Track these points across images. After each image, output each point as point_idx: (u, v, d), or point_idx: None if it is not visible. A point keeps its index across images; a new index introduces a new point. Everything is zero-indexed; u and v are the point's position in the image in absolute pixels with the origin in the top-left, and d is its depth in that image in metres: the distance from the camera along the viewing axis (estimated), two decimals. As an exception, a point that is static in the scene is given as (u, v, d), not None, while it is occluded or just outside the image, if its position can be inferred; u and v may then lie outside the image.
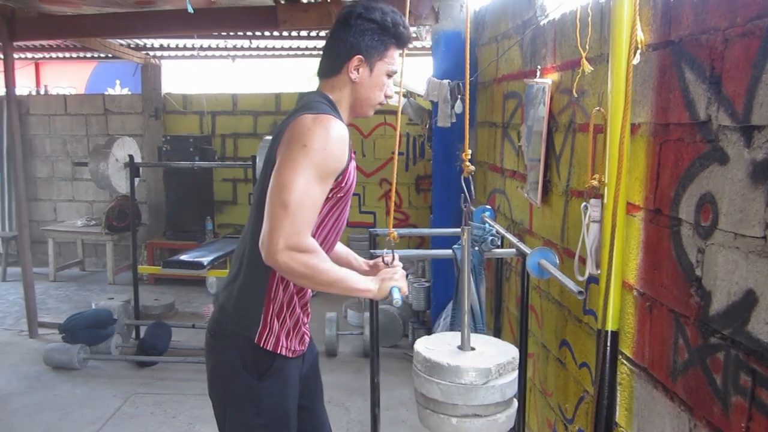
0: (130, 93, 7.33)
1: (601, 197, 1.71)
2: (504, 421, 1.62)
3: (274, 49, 6.39)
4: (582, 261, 1.86)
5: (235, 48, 6.25)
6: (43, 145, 6.88)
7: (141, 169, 4.69)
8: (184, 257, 4.70)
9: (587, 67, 1.94)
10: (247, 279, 1.59)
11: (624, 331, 1.71)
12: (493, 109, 3.54)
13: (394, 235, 1.84)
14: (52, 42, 6.05)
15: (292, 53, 6.62)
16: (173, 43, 6.11)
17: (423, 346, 1.70)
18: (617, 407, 1.73)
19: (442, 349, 1.68)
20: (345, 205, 1.63)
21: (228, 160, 6.48)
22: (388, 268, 1.69)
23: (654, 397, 1.56)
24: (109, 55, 6.21)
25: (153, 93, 6.61)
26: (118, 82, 7.90)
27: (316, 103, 1.56)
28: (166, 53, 6.55)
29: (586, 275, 1.80)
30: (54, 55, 6.92)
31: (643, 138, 1.62)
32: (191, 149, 5.83)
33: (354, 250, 1.92)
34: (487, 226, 2.35)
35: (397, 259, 1.76)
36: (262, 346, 1.57)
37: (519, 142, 2.94)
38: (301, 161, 1.43)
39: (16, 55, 5.32)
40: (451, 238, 2.92)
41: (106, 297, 5.15)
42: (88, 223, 6.51)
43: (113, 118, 6.74)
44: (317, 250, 1.46)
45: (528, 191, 2.70)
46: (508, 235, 2.52)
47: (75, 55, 6.89)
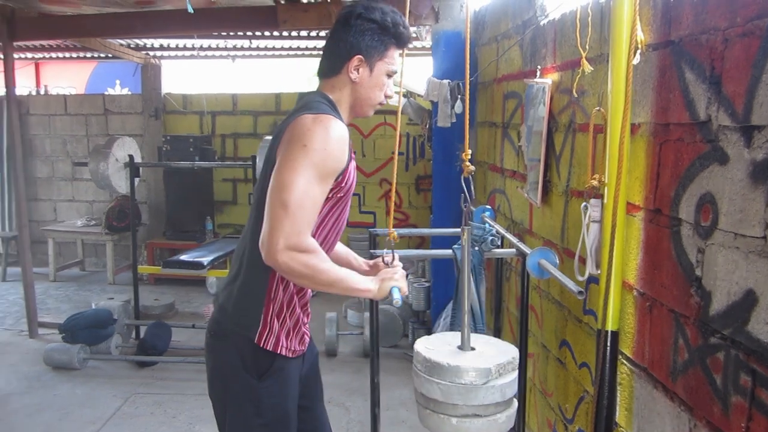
0: (130, 93, 7.33)
1: (601, 197, 1.71)
2: (504, 421, 1.62)
3: (274, 49, 6.38)
4: (582, 261, 1.86)
5: (235, 48, 6.25)
6: (43, 145, 6.88)
7: (141, 169, 4.69)
8: (184, 257, 4.70)
9: (587, 67, 1.94)
10: (247, 279, 1.59)
11: (624, 331, 1.71)
12: (493, 109, 3.54)
13: (394, 235, 1.84)
14: (52, 42, 6.05)
15: (292, 53, 6.61)
16: (173, 43, 6.11)
17: (423, 346, 1.70)
18: (617, 407, 1.73)
19: (442, 349, 1.68)
20: (345, 205, 1.63)
21: (228, 160, 6.48)
22: (388, 268, 1.69)
23: (654, 397, 1.56)
24: (109, 55, 6.21)
25: (153, 93, 6.61)
26: (118, 82, 7.90)
27: (316, 103, 1.56)
28: (166, 53, 6.55)
29: (586, 275, 1.80)
30: (54, 55, 6.92)
31: (643, 138, 1.62)
32: (191, 149, 5.83)
33: (354, 250, 1.92)
34: (487, 226, 2.35)
35: (397, 259, 1.76)
36: (262, 346, 1.57)
37: (519, 142, 2.94)
38: (301, 161, 1.43)
39: (16, 55, 5.32)
40: (451, 238, 2.92)
41: (106, 297, 5.15)
42: (88, 223, 6.51)
43: (113, 118, 6.74)
44: (317, 250, 1.46)
45: (528, 191, 2.70)
46: (508, 235, 2.52)
47: (75, 55, 6.89)
